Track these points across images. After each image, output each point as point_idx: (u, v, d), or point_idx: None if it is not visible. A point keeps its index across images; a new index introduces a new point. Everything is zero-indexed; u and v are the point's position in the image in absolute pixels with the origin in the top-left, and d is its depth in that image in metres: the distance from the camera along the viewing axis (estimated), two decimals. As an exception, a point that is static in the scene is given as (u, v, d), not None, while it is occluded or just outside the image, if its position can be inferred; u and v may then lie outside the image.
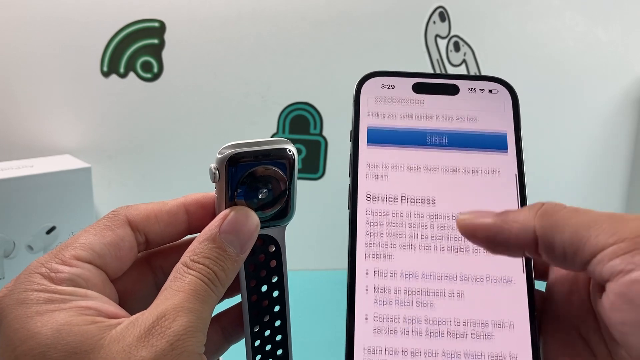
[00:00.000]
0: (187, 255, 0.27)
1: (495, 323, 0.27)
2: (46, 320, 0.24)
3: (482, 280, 0.28)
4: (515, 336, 0.26)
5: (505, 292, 0.27)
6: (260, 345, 0.31)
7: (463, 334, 0.26)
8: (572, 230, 0.23)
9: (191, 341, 0.24)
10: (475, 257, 0.28)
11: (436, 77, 0.32)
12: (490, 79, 0.32)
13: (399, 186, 0.30)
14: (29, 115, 0.81)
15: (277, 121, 0.87)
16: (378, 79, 0.32)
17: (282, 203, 0.29)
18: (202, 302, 0.25)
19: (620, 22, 0.94)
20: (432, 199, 0.29)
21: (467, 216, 0.26)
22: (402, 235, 0.28)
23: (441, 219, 0.29)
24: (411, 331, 0.26)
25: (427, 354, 0.26)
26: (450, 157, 0.30)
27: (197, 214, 0.29)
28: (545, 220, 0.24)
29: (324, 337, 0.72)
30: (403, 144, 0.31)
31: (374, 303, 0.27)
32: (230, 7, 0.82)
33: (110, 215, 0.28)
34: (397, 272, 0.28)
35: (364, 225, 0.29)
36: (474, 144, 0.31)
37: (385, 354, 0.26)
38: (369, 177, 0.30)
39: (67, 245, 0.27)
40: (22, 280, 0.25)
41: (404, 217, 0.29)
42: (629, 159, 1.00)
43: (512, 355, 0.26)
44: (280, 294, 0.31)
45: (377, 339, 0.26)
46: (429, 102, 0.32)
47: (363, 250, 0.28)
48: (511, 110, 0.31)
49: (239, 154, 0.27)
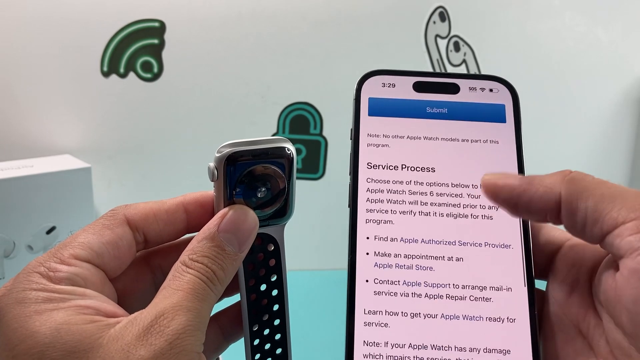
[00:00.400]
0: (186, 254, 0.27)
1: (493, 287, 0.27)
2: (45, 320, 0.24)
3: (481, 246, 0.28)
4: (513, 299, 0.27)
5: (504, 257, 0.28)
6: (259, 344, 0.31)
7: (462, 297, 0.27)
8: (596, 199, 0.23)
9: (190, 340, 0.24)
10: (474, 223, 0.29)
11: (437, 75, 0.32)
12: (491, 78, 0.32)
13: (400, 155, 0.30)
14: (29, 115, 0.81)
15: (277, 121, 0.87)
16: (378, 78, 0.32)
17: (280, 202, 0.29)
18: (201, 300, 0.25)
19: (620, 22, 0.94)
20: (431, 167, 0.30)
21: (492, 176, 0.26)
22: (402, 202, 0.29)
23: (441, 186, 0.29)
24: (411, 294, 0.27)
25: (427, 315, 0.27)
26: (449, 127, 0.31)
27: (195, 212, 0.29)
28: (572, 186, 0.24)
29: (323, 337, 0.72)
30: (404, 116, 0.31)
31: (374, 266, 0.28)
32: (230, 7, 0.82)
33: (109, 215, 0.28)
34: (397, 237, 0.28)
35: (364, 192, 0.29)
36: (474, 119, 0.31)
37: (385, 315, 0.26)
38: (370, 146, 0.30)
39: (66, 245, 0.27)
40: (20, 279, 0.25)
41: (404, 184, 0.29)
42: (629, 159, 1.00)
43: (510, 318, 0.27)
44: (280, 293, 0.31)
45: (377, 301, 0.27)
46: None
47: (364, 216, 0.29)
48: (512, 109, 0.31)
49: (237, 153, 0.27)
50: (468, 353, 0.26)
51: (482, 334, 0.26)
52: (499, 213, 0.29)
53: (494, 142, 0.31)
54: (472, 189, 0.29)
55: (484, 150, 0.30)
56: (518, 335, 0.26)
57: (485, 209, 0.29)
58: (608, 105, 0.97)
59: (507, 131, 0.31)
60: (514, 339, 0.26)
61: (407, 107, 0.31)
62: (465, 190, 0.29)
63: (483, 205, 0.29)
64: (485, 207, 0.29)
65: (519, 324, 0.26)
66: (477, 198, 0.29)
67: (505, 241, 0.28)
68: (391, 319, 0.26)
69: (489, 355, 0.26)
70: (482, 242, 0.28)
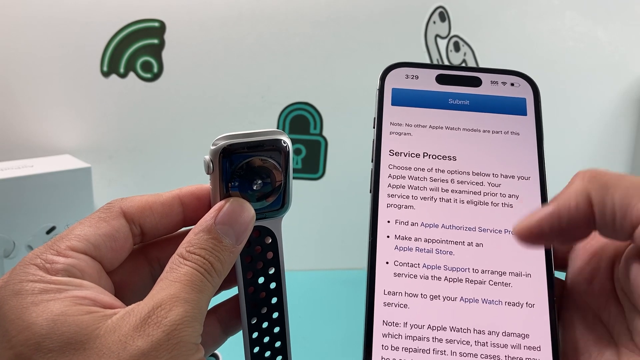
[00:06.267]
0: (183, 247, 0.27)
1: (513, 272, 0.28)
2: (41, 311, 0.24)
3: (501, 232, 0.28)
4: (532, 285, 0.27)
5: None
6: (258, 337, 0.31)
7: (481, 281, 0.27)
8: (622, 192, 0.23)
9: (187, 331, 0.24)
10: (494, 210, 0.29)
11: (459, 69, 0.33)
12: (513, 73, 0.33)
13: (421, 143, 0.31)
14: (29, 115, 0.81)
15: (277, 121, 0.87)
16: (402, 70, 0.33)
17: (277, 194, 0.29)
18: (198, 292, 0.25)
19: (620, 22, 0.94)
20: (453, 156, 0.30)
21: (520, 224, 0.25)
22: (424, 188, 0.29)
23: (462, 174, 0.30)
24: (430, 276, 0.27)
25: (446, 298, 0.27)
26: (471, 118, 0.31)
27: (192, 205, 0.29)
28: (596, 182, 0.24)
29: (324, 337, 0.72)
30: (426, 107, 0.32)
31: (395, 249, 0.28)
32: (230, 7, 0.83)
33: (105, 208, 0.28)
34: (418, 222, 0.29)
35: (386, 178, 0.30)
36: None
37: (405, 297, 0.27)
38: (392, 134, 0.31)
39: (62, 237, 0.27)
40: (17, 271, 0.25)
41: (425, 171, 0.30)
42: (629, 159, 1.00)
43: (529, 303, 0.27)
44: (278, 286, 0.31)
45: (397, 282, 0.27)
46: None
47: (385, 201, 0.29)
48: (532, 103, 0.32)
49: (232, 145, 0.27)
50: (487, 336, 0.26)
51: (501, 317, 0.26)
52: (519, 201, 0.29)
53: (514, 134, 0.31)
54: (492, 177, 0.30)
55: (505, 141, 0.31)
56: (537, 320, 0.26)
57: (506, 197, 0.29)
58: (608, 105, 0.97)
59: (528, 124, 0.31)
60: (533, 324, 0.26)
61: (430, 98, 0.32)
62: (486, 179, 0.30)
63: (503, 194, 0.29)
64: (506, 196, 0.29)
65: (538, 309, 0.27)
66: (497, 187, 0.30)
67: None
68: (410, 300, 0.27)
69: (507, 338, 0.26)
70: (502, 229, 0.28)
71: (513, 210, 0.29)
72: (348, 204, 0.89)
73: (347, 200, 0.90)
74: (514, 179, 0.30)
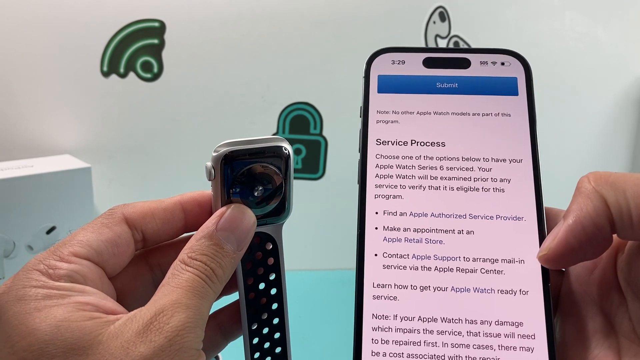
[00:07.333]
0: (185, 253, 0.27)
1: (505, 259, 0.27)
2: (44, 317, 0.24)
3: (492, 219, 0.28)
4: (526, 272, 0.26)
5: (516, 230, 0.27)
6: (258, 342, 0.31)
7: (472, 269, 0.27)
8: (633, 189, 0.23)
9: (189, 337, 0.24)
10: (485, 196, 0.28)
11: (447, 51, 0.32)
12: (503, 52, 0.32)
13: (409, 131, 0.30)
14: (29, 115, 0.81)
15: (277, 121, 0.87)
16: (388, 55, 0.32)
17: (278, 200, 0.29)
18: (200, 298, 0.25)
19: (620, 22, 0.94)
20: (441, 142, 0.30)
21: (545, 247, 0.25)
22: (412, 177, 0.29)
23: (451, 160, 0.29)
24: (420, 267, 0.27)
25: (437, 288, 0.26)
26: (460, 102, 0.30)
27: (193, 211, 0.30)
28: (603, 182, 0.24)
29: (324, 337, 0.72)
30: (413, 92, 0.31)
31: (383, 241, 0.27)
32: (230, 7, 0.83)
33: (108, 213, 0.28)
34: (407, 212, 0.28)
35: (373, 168, 0.29)
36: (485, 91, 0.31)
37: (394, 289, 0.26)
38: (379, 122, 0.30)
39: (65, 243, 0.27)
40: (20, 277, 0.25)
41: (413, 159, 0.29)
42: (629, 159, 1.00)
43: (522, 291, 0.26)
44: (278, 292, 0.31)
45: (386, 274, 0.27)
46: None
47: (373, 192, 0.28)
48: (524, 82, 0.31)
49: (234, 152, 0.27)
50: (479, 325, 0.26)
51: (494, 306, 0.26)
52: (511, 185, 0.28)
53: (505, 115, 0.30)
54: (483, 162, 0.29)
55: (495, 123, 0.30)
56: (531, 308, 0.26)
57: (497, 182, 0.28)
58: (608, 105, 0.97)
59: (519, 104, 0.30)
60: (527, 312, 0.26)
61: (417, 83, 0.31)
62: (476, 163, 0.29)
63: (495, 178, 0.29)
64: (497, 180, 0.28)
65: (532, 296, 0.26)
66: (488, 171, 0.29)
67: (518, 213, 0.28)
68: (400, 292, 0.26)
69: (500, 327, 0.25)
70: (494, 215, 0.28)
71: (504, 194, 0.28)
72: (348, 204, 0.89)
73: (347, 200, 0.89)
74: (505, 162, 0.29)
